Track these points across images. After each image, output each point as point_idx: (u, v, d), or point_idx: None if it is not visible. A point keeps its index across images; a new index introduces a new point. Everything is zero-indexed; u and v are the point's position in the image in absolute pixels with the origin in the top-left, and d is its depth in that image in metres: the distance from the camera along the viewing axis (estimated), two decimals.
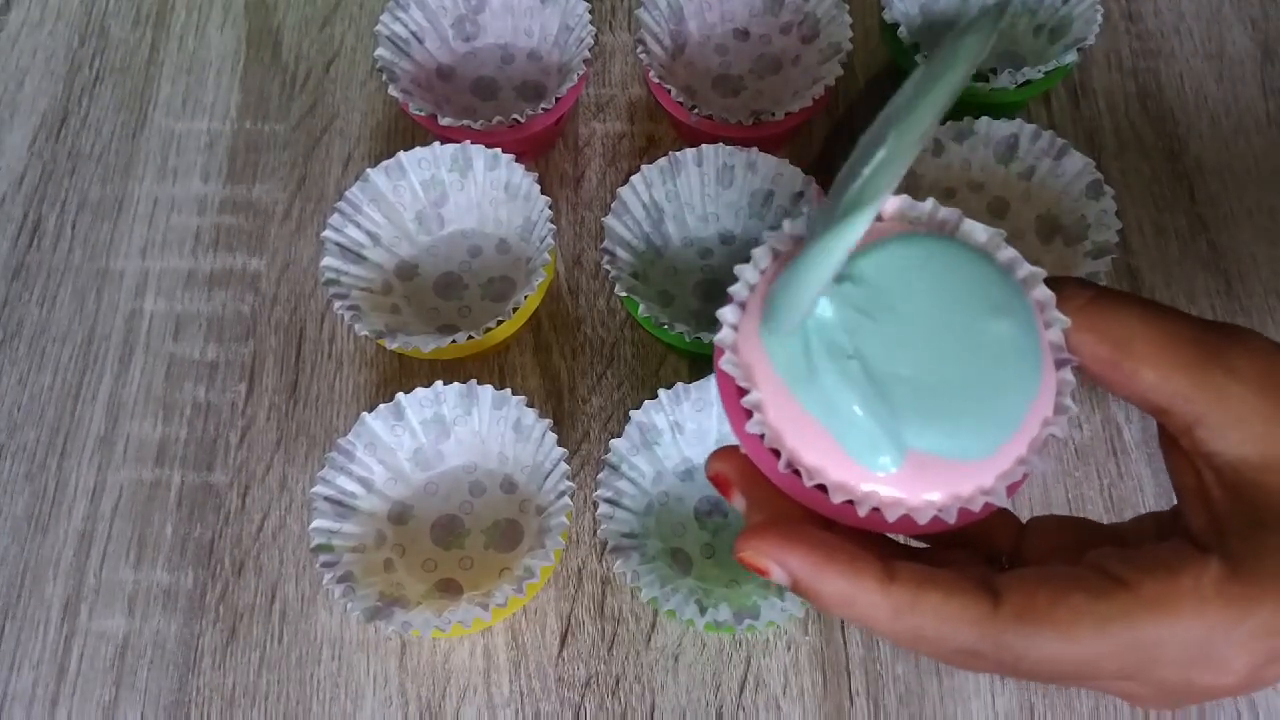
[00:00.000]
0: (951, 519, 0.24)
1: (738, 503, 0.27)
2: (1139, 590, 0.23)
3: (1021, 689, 0.40)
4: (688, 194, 0.46)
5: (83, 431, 0.46)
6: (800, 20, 0.50)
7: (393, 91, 0.46)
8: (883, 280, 0.25)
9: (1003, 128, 0.45)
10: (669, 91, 0.46)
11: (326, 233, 0.44)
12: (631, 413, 0.40)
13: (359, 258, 0.45)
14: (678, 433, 0.41)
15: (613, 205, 0.44)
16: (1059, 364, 0.26)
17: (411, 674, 0.41)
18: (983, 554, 0.27)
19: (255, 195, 0.51)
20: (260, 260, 0.49)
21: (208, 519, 0.44)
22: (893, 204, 0.27)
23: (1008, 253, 0.26)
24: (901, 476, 0.24)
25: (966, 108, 0.47)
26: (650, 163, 0.45)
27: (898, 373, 0.25)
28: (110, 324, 0.48)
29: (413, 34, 0.49)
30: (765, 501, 0.26)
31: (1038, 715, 0.40)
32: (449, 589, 0.41)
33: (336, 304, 0.42)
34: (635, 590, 0.38)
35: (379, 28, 0.48)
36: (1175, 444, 0.26)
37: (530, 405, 0.41)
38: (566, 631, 0.42)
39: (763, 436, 0.25)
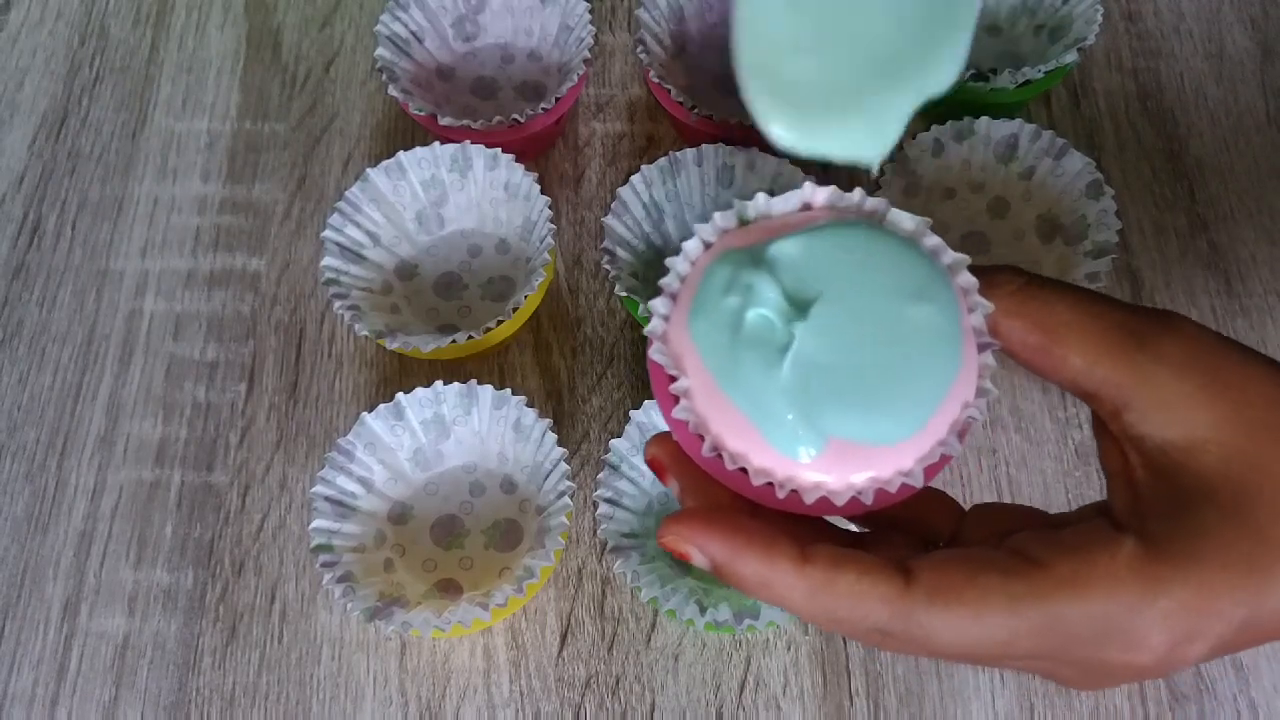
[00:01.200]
0: (869, 501, 0.25)
1: (672, 487, 0.27)
2: (1052, 570, 0.23)
3: (1021, 689, 0.40)
4: (688, 194, 0.46)
5: (83, 431, 0.46)
6: None
7: (393, 91, 0.46)
8: (808, 267, 0.26)
9: (1003, 127, 0.45)
10: (669, 91, 0.46)
11: (326, 233, 0.44)
12: (631, 413, 0.40)
13: (359, 257, 0.45)
14: None
15: (613, 205, 0.44)
16: (981, 348, 0.26)
17: (411, 674, 0.41)
18: (920, 539, 0.28)
19: (255, 195, 0.51)
20: (260, 260, 0.49)
21: (208, 519, 0.44)
22: (822, 194, 0.28)
23: (932, 240, 0.27)
24: (821, 462, 0.25)
25: (967, 108, 0.47)
26: (650, 163, 0.45)
27: (819, 360, 0.25)
28: (110, 324, 0.48)
29: (413, 34, 0.49)
30: (695, 486, 0.27)
31: (1038, 715, 0.40)
32: (449, 589, 0.41)
33: (336, 304, 0.42)
34: (635, 590, 0.38)
35: (379, 27, 0.48)
36: (1105, 428, 0.26)
37: (530, 405, 0.41)
38: (566, 631, 0.42)
39: (689, 422, 0.25)
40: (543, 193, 0.44)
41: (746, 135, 0.46)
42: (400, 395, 0.41)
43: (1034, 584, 0.23)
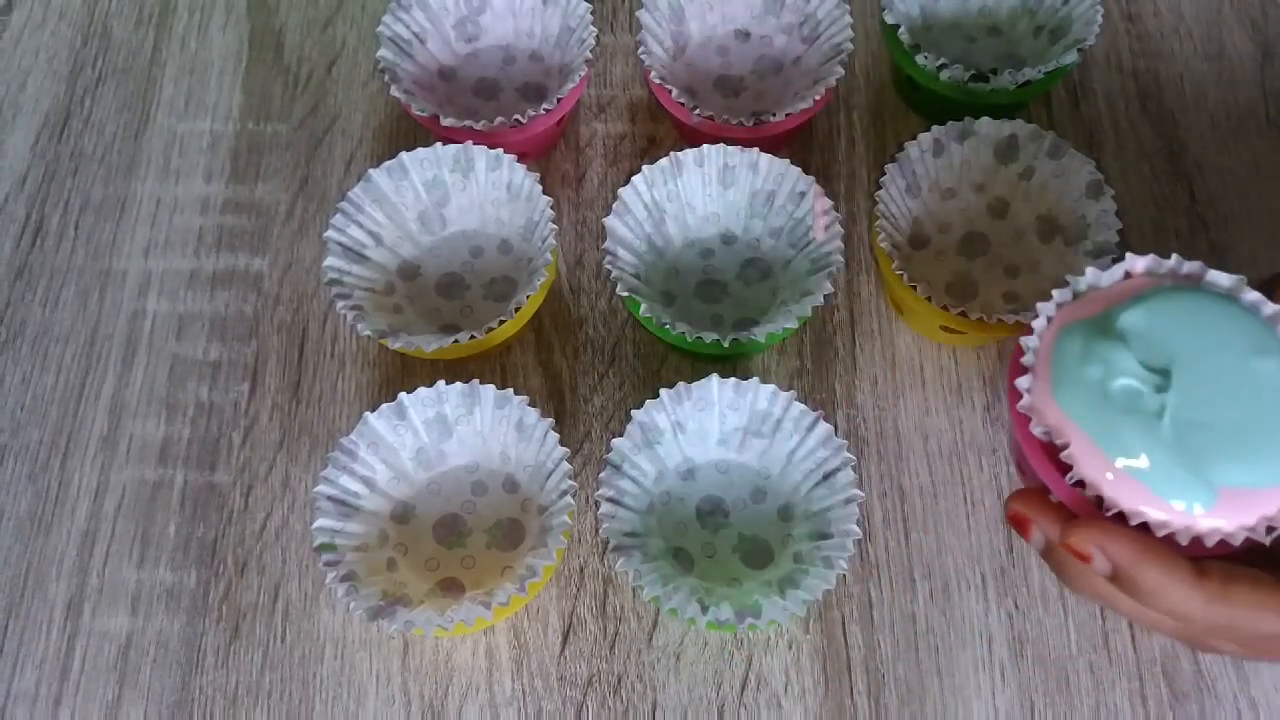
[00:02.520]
0: (1263, 538, 0.28)
1: (1036, 541, 0.31)
2: None
3: (1022, 688, 0.40)
4: (689, 194, 0.46)
5: (86, 431, 0.46)
6: (801, 21, 0.50)
7: (395, 92, 0.46)
8: (1153, 334, 0.30)
9: (1003, 128, 0.45)
10: (670, 92, 0.47)
11: (329, 233, 0.44)
12: (633, 412, 0.40)
13: (361, 258, 0.45)
14: (679, 432, 0.42)
15: (614, 205, 0.44)
16: None
17: (414, 673, 0.41)
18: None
19: (258, 195, 0.51)
20: (263, 260, 0.49)
21: (211, 518, 0.44)
22: (1141, 263, 0.32)
23: (1251, 295, 0.31)
24: (1217, 510, 0.28)
25: (967, 108, 0.47)
26: (651, 163, 0.45)
27: (1193, 419, 0.28)
28: (113, 324, 0.48)
29: (415, 35, 0.49)
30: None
31: (1038, 713, 0.40)
32: (451, 588, 0.41)
33: (339, 304, 0.43)
34: (637, 589, 0.38)
35: (381, 29, 0.48)
36: None
37: (532, 405, 0.41)
38: (568, 630, 0.42)
39: (1081, 486, 0.29)
40: (544, 193, 0.44)
41: (747, 136, 0.47)
42: (403, 395, 0.41)
43: None
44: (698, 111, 0.46)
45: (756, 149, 0.45)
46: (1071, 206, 0.44)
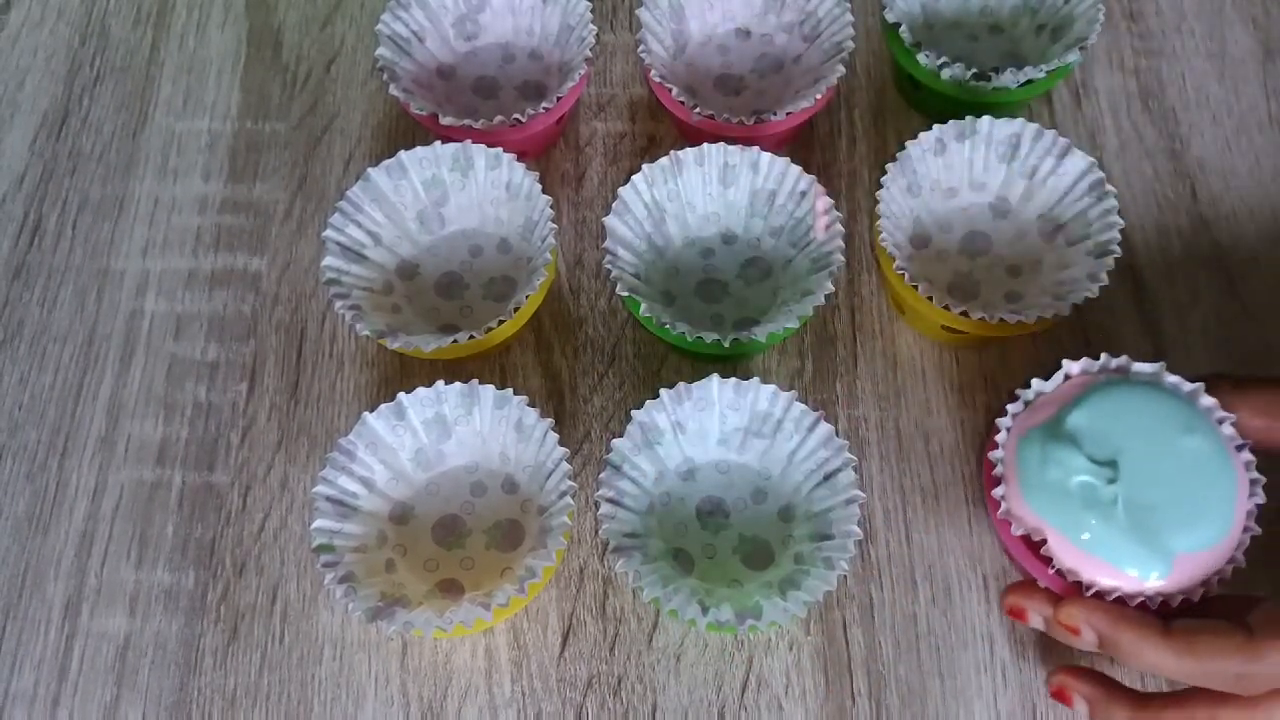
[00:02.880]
0: (1195, 598, 0.35)
1: (1034, 623, 0.37)
2: None
3: (1023, 690, 0.40)
4: (689, 193, 0.46)
5: (84, 431, 0.46)
6: (802, 20, 0.50)
7: (394, 91, 0.46)
8: (1098, 430, 0.35)
9: (1005, 127, 0.45)
10: (670, 91, 0.46)
11: (328, 232, 0.44)
12: (633, 412, 0.40)
13: (360, 257, 0.45)
14: (679, 432, 0.41)
15: (614, 205, 0.44)
16: (1238, 448, 0.36)
17: (413, 674, 0.41)
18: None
19: (256, 195, 0.51)
20: (261, 260, 0.49)
21: (209, 519, 0.44)
22: (1077, 366, 0.38)
23: (1171, 378, 0.37)
24: (1175, 575, 0.34)
25: (968, 107, 0.47)
26: (651, 162, 0.45)
27: (1141, 500, 0.34)
28: (111, 324, 0.48)
29: (414, 33, 0.49)
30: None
31: (1040, 716, 0.40)
32: (450, 589, 0.41)
33: (338, 304, 0.42)
34: (637, 590, 0.38)
35: (380, 27, 0.48)
36: None
37: (532, 405, 0.41)
38: (568, 631, 0.42)
39: (1062, 575, 0.36)
40: (544, 192, 0.44)
41: (747, 135, 0.46)
42: (402, 395, 0.41)
43: None
44: (698, 110, 0.46)
45: (757, 148, 0.45)
46: (1073, 206, 0.44)
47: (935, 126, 0.45)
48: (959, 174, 0.46)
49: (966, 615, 0.42)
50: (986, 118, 0.45)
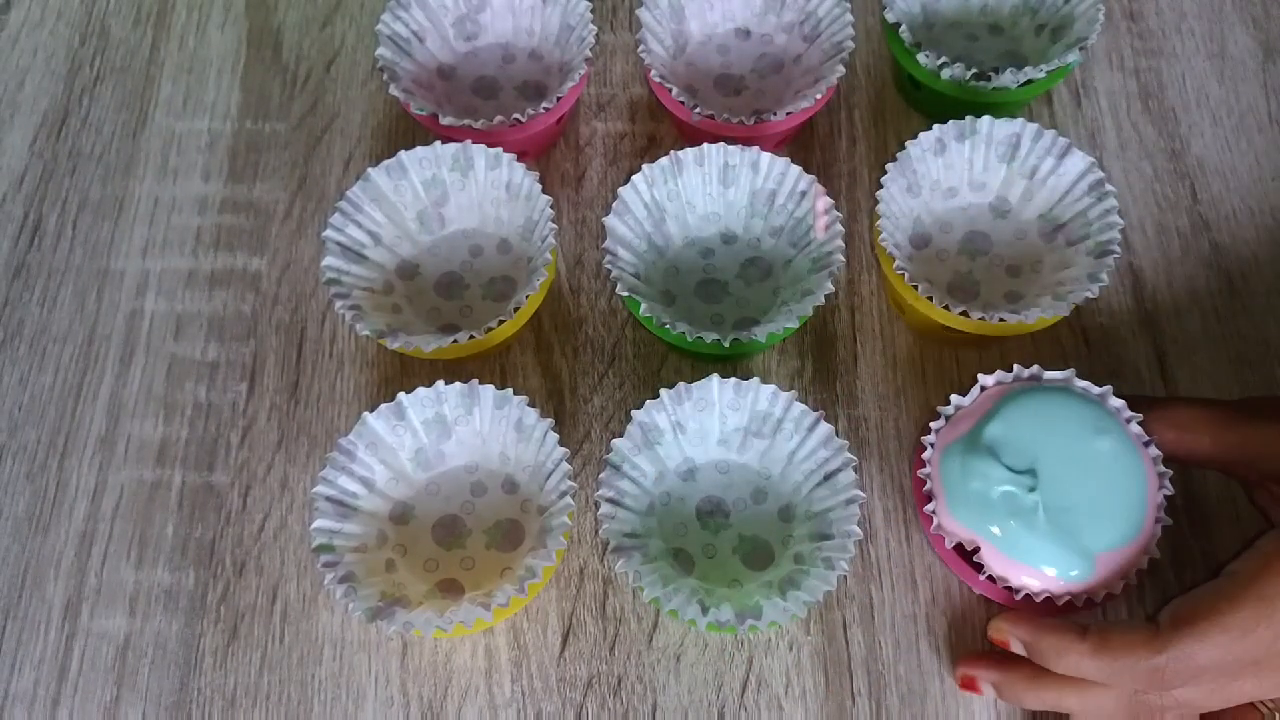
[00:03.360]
0: (1118, 590, 0.36)
1: (1015, 645, 0.38)
2: (1235, 575, 0.34)
3: None
4: (689, 193, 0.46)
5: (83, 432, 0.46)
6: (802, 19, 0.50)
7: (394, 91, 0.46)
8: (1015, 438, 0.37)
9: (1005, 127, 0.45)
10: (670, 91, 0.46)
11: (328, 232, 0.44)
12: (633, 412, 0.40)
13: (360, 257, 0.45)
14: (679, 432, 0.41)
15: (614, 205, 0.44)
16: (1145, 444, 0.38)
17: (413, 674, 0.41)
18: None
19: (256, 195, 0.51)
20: (261, 260, 0.49)
21: (209, 519, 0.44)
22: (991, 379, 0.39)
23: (1081, 383, 0.39)
24: (1098, 572, 0.36)
25: (968, 107, 0.47)
26: (651, 162, 0.45)
27: (1060, 504, 0.36)
28: (111, 324, 0.48)
29: (414, 33, 0.49)
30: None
31: (1039, 716, 0.40)
32: (450, 589, 0.41)
33: (338, 304, 0.42)
34: (637, 590, 0.38)
35: (380, 27, 0.48)
36: (1253, 491, 0.39)
37: (532, 405, 0.41)
38: (568, 632, 0.42)
39: (994, 581, 0.38)
40: (544, 192, 0.44)
41: (747, 135, 0.46)
42: (402, 395, 0.41)
43: (1227, 590, 0.33)
44: (698, 110, 0.46)
45: (757, 148, 0.45)
46: (1073, 206, 0.44)
47: (935, 126, 0.45)
48: (959, 174, 0.46)
49: (966, 615, 0.42)
50: (986, 118, 0.45)
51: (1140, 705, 0.35)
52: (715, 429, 0.42)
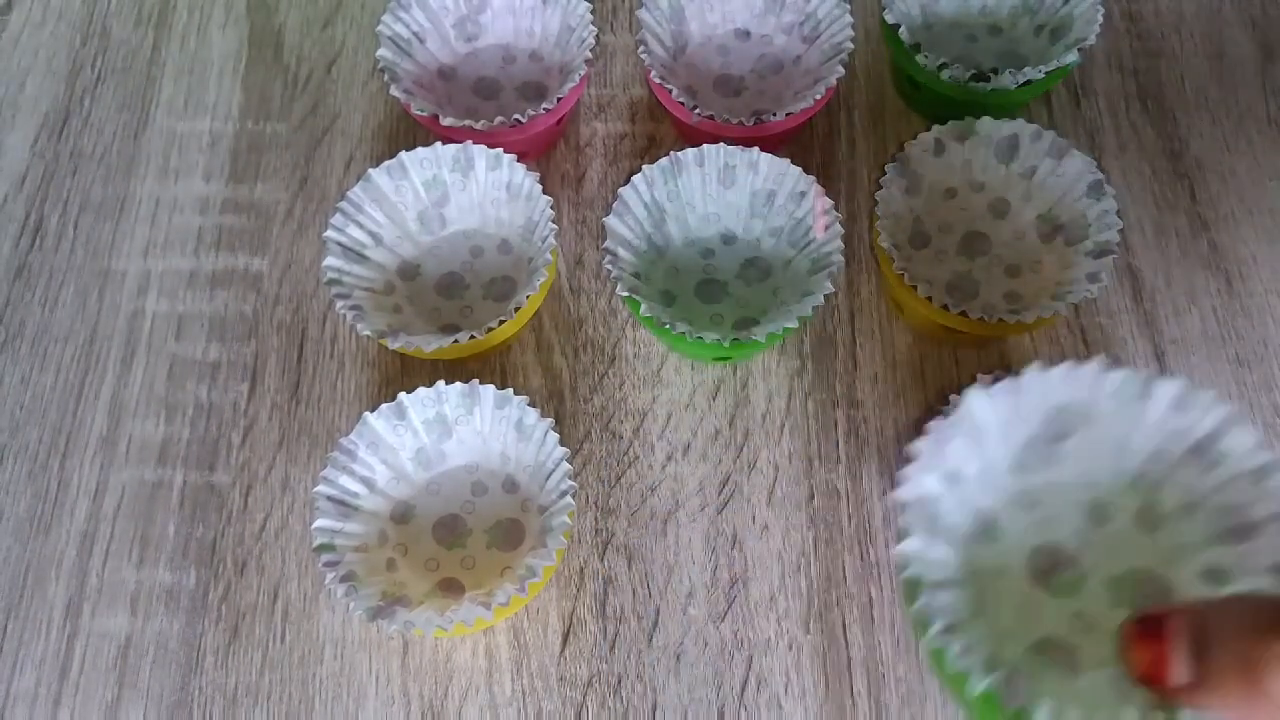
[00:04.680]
0: None
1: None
2: None
3: None
4: (689, 194, 0.46)
5: (85, 431, 0.46)
6: (801, 21, 0.50)
7: (394, 92, 0.46)
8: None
9: (1004, 127, 0.45)
10: (670, 91, 0.46)
11: (328, 233, 0.44)
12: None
13: (361, 258, 0.45)
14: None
15: (614, 205, 0.44)
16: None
17: (414, 673, 0.41)
18: None
19: (257, 195, 0.51)
20: (262, 260, 0.49)
21: (210, 519, 0.44)
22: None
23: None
24: None
25: (967, 107, 0.47)
26: (652, 163, 0.45)
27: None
28: (112, 324, 0.48)
29: (414, 34, 0.49)
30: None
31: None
32: (451, 588, 0.41)
33: (339, 304, 0.42)
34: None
35: (381, 28, 0.48)
36: None
37: (532, 405, 0.41)
38: (568, 631, 0.42)
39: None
40: (544, 193, 0.44)
41: (747, 136, 0.46)
42: (402, 395, 0.41)
43: None
44: (698, 111, 0.46)
45: (757, 148, 0.45)
46: (1072, 206, 0.44)
47: (934, 127, 0.45)
48: (958, 174, 0.46)
49: None
50: (986, 118, 0.45)
51: None
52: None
